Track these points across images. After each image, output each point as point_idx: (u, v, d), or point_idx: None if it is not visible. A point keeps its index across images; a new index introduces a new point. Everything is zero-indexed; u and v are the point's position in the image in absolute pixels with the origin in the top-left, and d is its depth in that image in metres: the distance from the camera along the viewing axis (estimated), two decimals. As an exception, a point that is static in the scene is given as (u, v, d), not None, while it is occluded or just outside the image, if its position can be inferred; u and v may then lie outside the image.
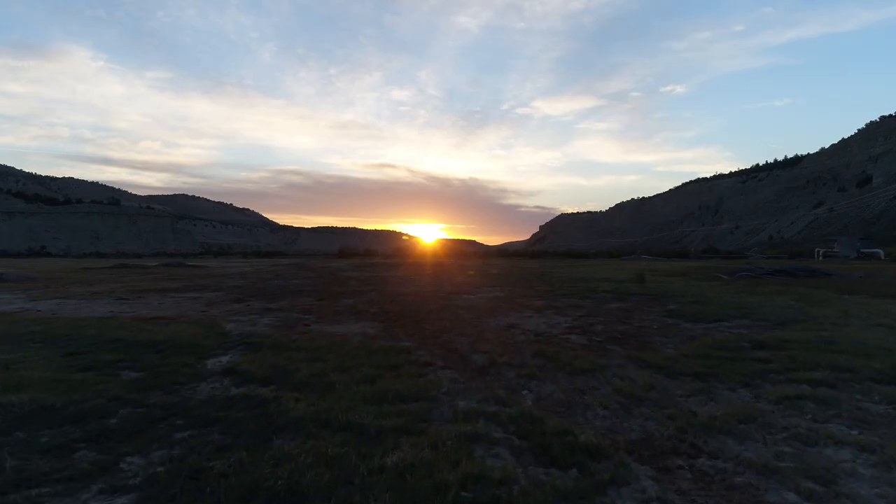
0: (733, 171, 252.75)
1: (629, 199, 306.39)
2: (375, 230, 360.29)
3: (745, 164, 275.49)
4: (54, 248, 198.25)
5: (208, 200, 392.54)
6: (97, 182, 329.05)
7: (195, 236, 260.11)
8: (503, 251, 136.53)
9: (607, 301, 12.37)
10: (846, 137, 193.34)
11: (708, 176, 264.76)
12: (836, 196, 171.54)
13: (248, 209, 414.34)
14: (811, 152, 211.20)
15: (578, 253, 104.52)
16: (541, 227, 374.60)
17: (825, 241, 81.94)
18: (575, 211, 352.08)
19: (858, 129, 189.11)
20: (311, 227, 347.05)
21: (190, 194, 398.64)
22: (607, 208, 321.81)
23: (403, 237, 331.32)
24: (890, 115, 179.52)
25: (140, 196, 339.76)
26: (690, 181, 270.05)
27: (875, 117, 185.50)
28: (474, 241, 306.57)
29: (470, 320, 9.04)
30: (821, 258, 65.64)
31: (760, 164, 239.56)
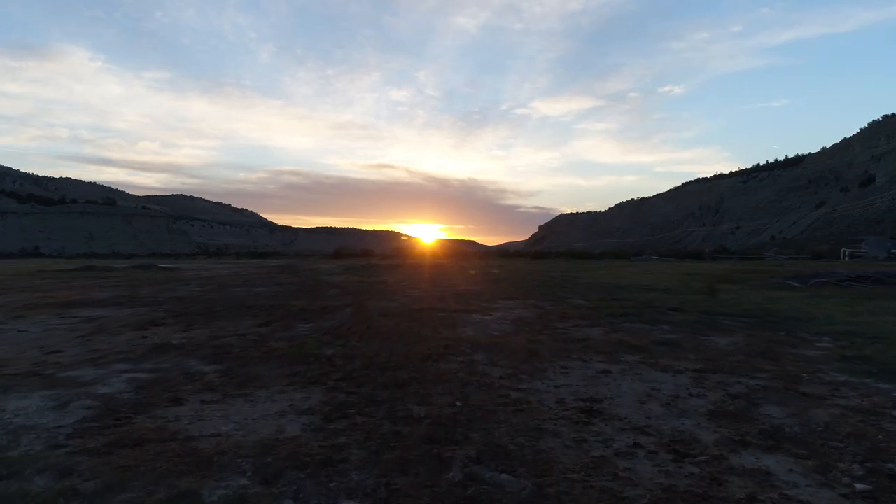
0: (734, 170, 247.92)
1: (629, 199, 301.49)
2: (374, 230, 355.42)
3: (745, 165, 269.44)
4: (48, 248, 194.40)
5: (206, 200, 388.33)
6: (95, 182, 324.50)
7: (192, 236, 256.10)
8: (504, 251, 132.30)
9: (699, 330, 8.05)
10: (848, 137, 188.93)
11: (708, 176, 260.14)
12: (839, 196, 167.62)
13: (246, 209, 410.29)
14: (812, 152, 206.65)
15: (583, 253, 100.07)
16: (540, 227, 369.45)
17: (852, 240, 77.60)
18: (574, 211, 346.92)
19: (861, 129, 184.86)
20: (310, 228, 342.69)
21: (188, 194, 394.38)
22: (607, 208, 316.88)
23: (402, 237, 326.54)
24: (893, 114, 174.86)
25: (138, 196, 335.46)
26: (691, 181, 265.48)
27: (877, 116, 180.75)
28: (473, 242, 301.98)
29: (499, 387, 4.74)
30: (847, 258, 61.42)
31: (761, 164, 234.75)
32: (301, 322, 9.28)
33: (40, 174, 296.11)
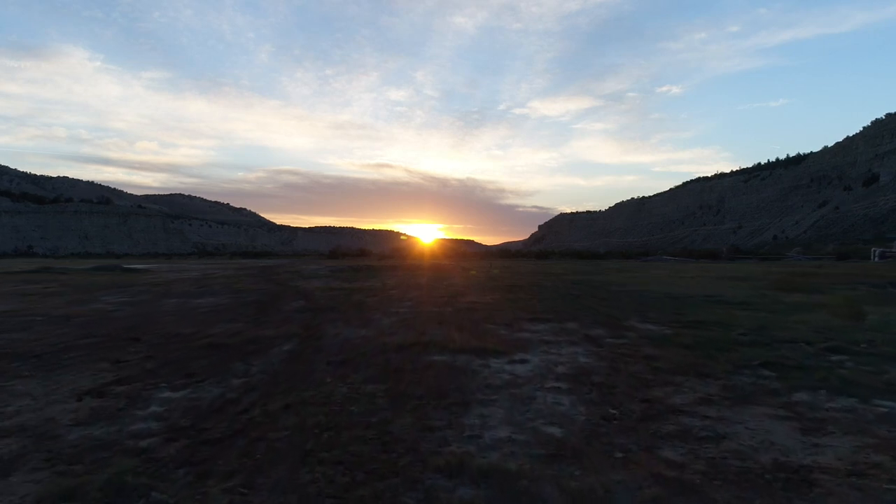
0: (734, 170, 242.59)
1: (629, 198, 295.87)
2: (373, 230, 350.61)
3: (744, 165, 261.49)
4: (42, 248, 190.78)
5: (205, 200, 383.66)
6: (93, 182, 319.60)
7: (189, 236, 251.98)
8: (505, 251, 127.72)
9: None
10: (851, 135, 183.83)
11: (708, 175, 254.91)
12: (842, 195, 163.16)
13: (244, 209, 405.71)
14: (814, 151, 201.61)
15: (588, 253, 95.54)
16: (539, 226, 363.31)
17: (884, 240, 73.27)
18: (573, 211, 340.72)
19: (864, 127, 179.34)
20: (309, 227, 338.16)
21: (186, 194, 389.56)
22: (606, 208, 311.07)
23: (401, 237, 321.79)
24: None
25: (137, 196, 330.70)
26: (691, 180, 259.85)
27: (881, 115, 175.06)
28: (472, 241, 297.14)
29: None
30: (877, 259, 57.21)
31: (762, 163, 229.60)
32: (177, 383, 4.96)
33: (38, 174, 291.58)
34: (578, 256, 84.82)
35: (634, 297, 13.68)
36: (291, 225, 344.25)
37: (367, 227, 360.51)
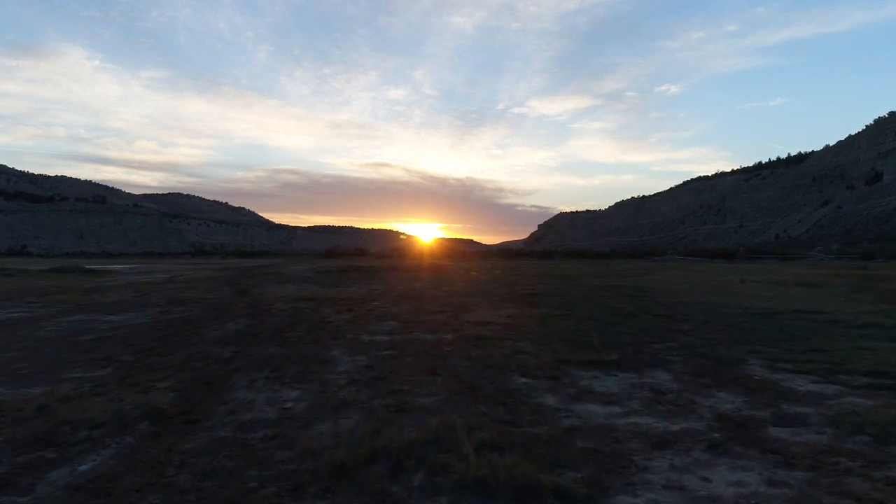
0: (735, 168, 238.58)
1: (629, 197, 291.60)
2: (372, 229, 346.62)
3: (743, 164, 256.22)
4: (36, 247, 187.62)
5: (203, 199, 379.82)
6: (91, 181, 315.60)
7: (187, 235, 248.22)
8: (507, 251, 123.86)
9: None
10: (854, 134, 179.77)
11: (709, 174, 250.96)
12: (845, 194, 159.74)
13: (243, 208, 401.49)
14: (815, 150, 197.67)
15: (592, 253, 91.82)
16: (539, 226, 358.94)
17: (889, 238, 69.58)
18: (572, 210, 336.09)
19: (867, 126, 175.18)
20: (308, 227, 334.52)
21: (185, 193, 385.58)
22: (606, 207, 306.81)
23: (401, 236, 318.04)
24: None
25: (135, 195, 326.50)
26: (692, 179, 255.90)
27: (883, 113, 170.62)
28: (472, 241, 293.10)
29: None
30: (907, 260, 53.56)
31: (763, 162, 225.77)
32: None
33: (37, 173, 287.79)
34: (582, 256, 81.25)
35: (707, 315, 9.97)
36: (290, 224, 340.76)
37: (366, 227, 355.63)
